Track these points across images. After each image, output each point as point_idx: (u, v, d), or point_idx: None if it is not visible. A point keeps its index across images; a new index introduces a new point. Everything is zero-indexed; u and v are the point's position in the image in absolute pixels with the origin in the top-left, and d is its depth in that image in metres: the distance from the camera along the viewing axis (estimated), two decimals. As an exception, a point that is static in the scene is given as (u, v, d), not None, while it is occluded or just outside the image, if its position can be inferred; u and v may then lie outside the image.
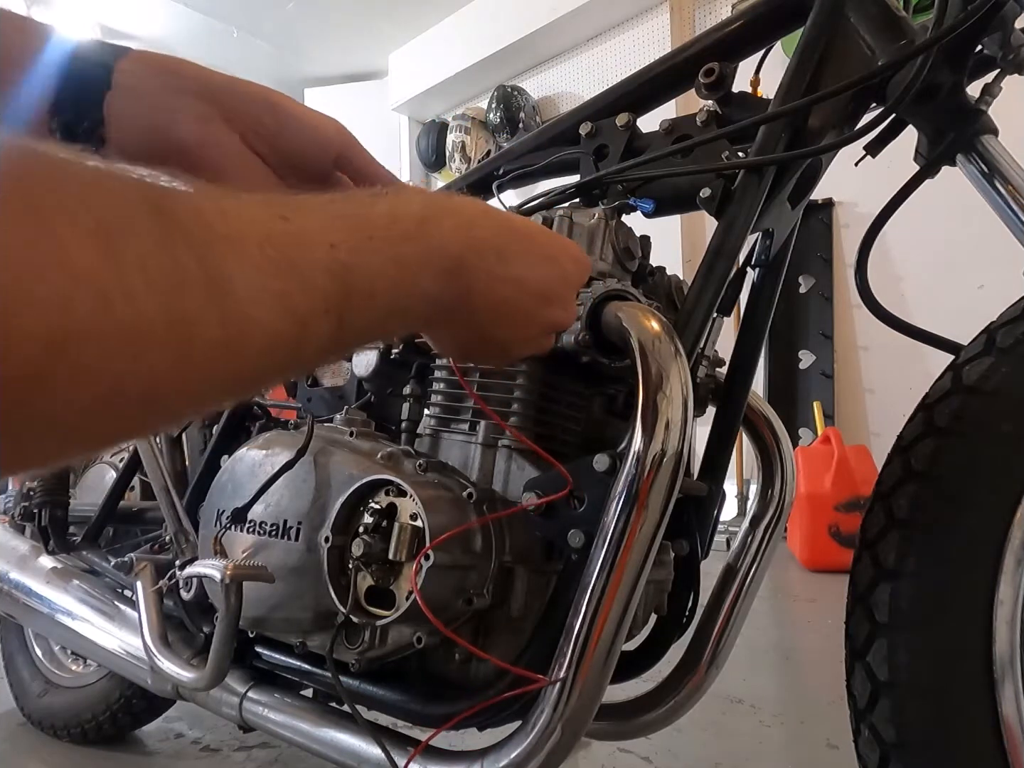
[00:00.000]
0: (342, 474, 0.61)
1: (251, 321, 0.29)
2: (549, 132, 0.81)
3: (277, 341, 0.30)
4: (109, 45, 0.47)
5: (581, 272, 0.51)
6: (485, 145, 4.40)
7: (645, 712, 0.70)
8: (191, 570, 0.66)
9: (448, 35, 4.51)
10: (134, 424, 0.28)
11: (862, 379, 3.14)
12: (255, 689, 0.70)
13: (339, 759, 0.61)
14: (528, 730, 0.51)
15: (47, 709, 1.16)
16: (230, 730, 1.12)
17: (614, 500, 0.50)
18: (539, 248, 0.47)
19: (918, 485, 0.50)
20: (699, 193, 0.63)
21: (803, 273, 3.22)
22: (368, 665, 0.59)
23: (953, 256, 2.84)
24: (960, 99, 0.64)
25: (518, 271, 0.45)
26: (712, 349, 0.69)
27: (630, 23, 3.92)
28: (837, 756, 1.02)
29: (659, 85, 0.76)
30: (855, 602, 0.52)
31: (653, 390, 0.51)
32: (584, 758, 1.01)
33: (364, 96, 5.01)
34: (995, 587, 0.47)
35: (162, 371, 0.25)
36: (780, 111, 0.62)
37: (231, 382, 0.30)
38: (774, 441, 0.76)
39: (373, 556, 0.56)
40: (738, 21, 0.71)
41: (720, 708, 1.20)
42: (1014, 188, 0.61)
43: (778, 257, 0.72)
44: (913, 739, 0.47)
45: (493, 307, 0.44)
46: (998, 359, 0.50)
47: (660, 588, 0.66)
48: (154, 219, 0.25)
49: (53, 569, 0.97)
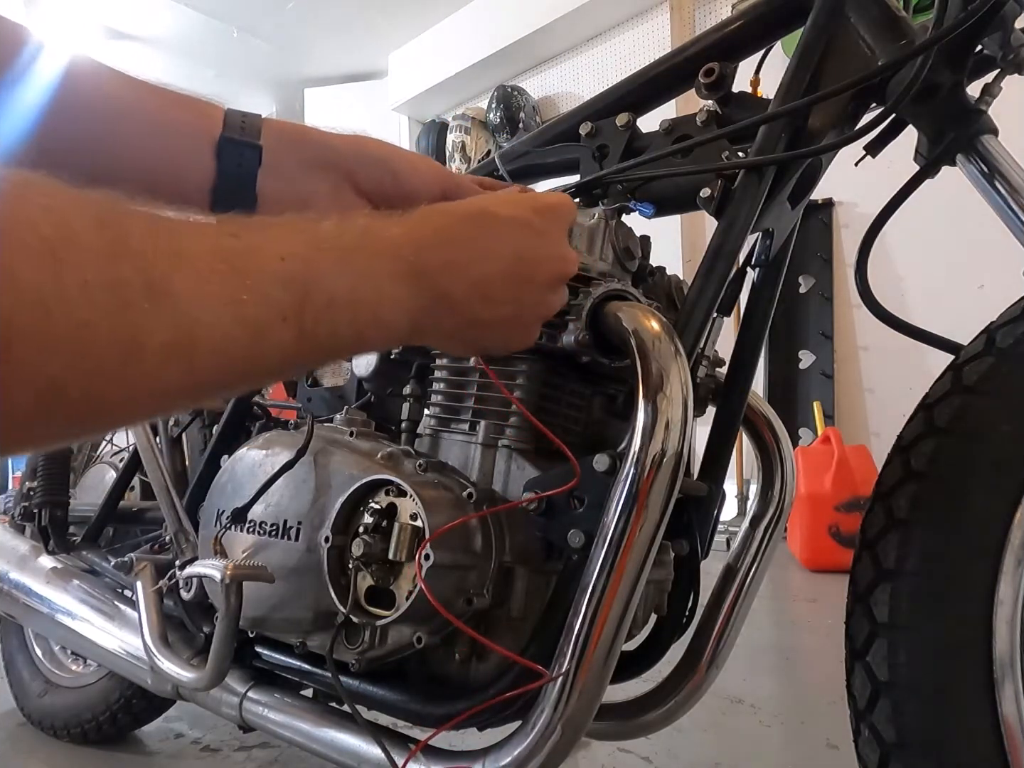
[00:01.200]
0: (342, 474, 0.61)
1: (200, 325, 0.31)
2: (549, 132, 0.81)
3: (230, 345, 0.32)
4: (247, 117, 0.51)
5: (551, 218, 0.50)
6: (485, 145, 4.40)
7: (645, 712, 0.70)
8: (191, 570, 0.66)
9: (448, 35, 4.51)
10: (81, 423, 0.29)
11: (862, 379, 3.14)
12: (255, 689, 0.70)
13: (339, 759, 0.61)
14: (528, 730, 0.51)
15: (47, 709, 1.16)
16: (230, 730, 1.12)
17: (614, 500, 0.50)
18: (500, 221, 0.47)
19: (918, 485, 0.50)
20: (699, 193, 0.63)
21: (803, 273, 3.22)
22: (368, 665, 0.59)
23: (953, 256, 2.84)
24: (960, 99, 0.63)
25: (481, 249, 0.46)
26: (712, 349, 0.69)
27: (630, 23, 3.93)
28: (837, 756, 1.02)
29: (659, 85, 0.76)
30: (855, 602, 0.52)
31: (653, 390, 0.51)
32: (584, 758, 1.01)
33: (364, 96, 5.01)
34: (995, 587, 0.46)
35: (107, 371, 0.28)
36: (780, 111, 0.62)
37: (187, 382, 0.32)
38: (774, 441, 0.76)
39: (373, 556, 0.56)
40: (738, 21, 0.71)
41: (720, 708, 1.20)
42: (1014, 188, 0.61)
43: (778, 257, 0.72)
44: (913, 739, 0.47)
45: (472, 290, 0.45)
46: (998, 359, 0.50)
47: (660, 588, 0.66)
48: (99, 234, 0.28)
49: (53, 569, 0.97)
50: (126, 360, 0.28)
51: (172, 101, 0.49)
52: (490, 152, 4.36)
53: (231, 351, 0.33)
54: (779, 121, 0.63)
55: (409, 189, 0.54)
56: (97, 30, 4.35)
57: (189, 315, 0.30)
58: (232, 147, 0.49)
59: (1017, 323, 0.51)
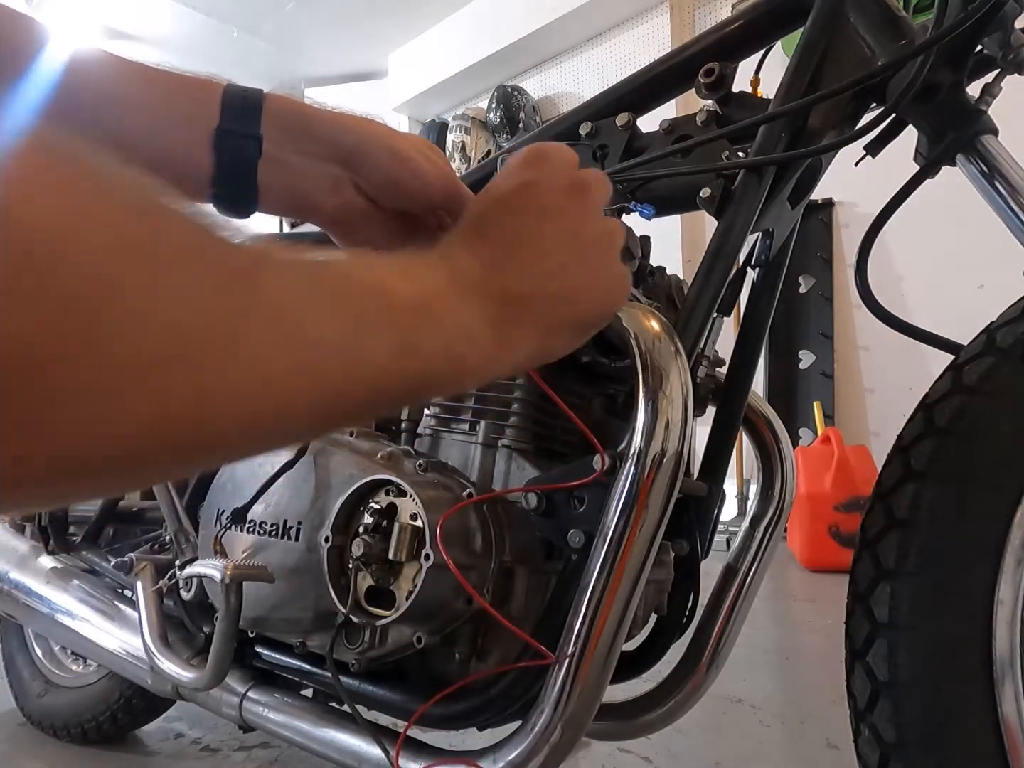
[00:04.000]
0: (342, 474, 0.61)
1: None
2: (549, 132, 0.81)
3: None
4: (247, 99, 0.49)
5: (557, 165, 0.45)
6: (485, 145, 4.40)
7: (645, 712, 0.70)
8: (191, 570, 0.66)
9: (448, 35, 4.51)
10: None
11: (862, 379, 3.14)
12: (255, 689, 0.70)
13: (339, 759, 0.61)
14: (528, 730, 0.51)
15: (47, 709, 1.16)
16: (230, 730, 1.11)
17: (614, 500, 0.50)
18: (501, 185, 0.44)
19: (918, 485, 0.50)
20: (699, 193, 0.63)
21: (803, 273, 3.22)
22: (368, 665, 0.59)
23: (953, 256, 2.84)
24: (960, 99, 0.63)
25: (514, 240, 0.42)
26: (712, 349, 0.69)
27: (630, 23, 3.93)
28: (837, 756, 1.02)
29: (659, 85, 0.76)
30: (855, 602, 0.51)
31: (653, 390, 0.51)
32: (584, 758, 1.01)
33: (364, 96, 5.01)
34: (995, 587, 0.46)
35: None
36: (780, 111, 0.62)
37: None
38: (774, 441, 0.76)
39: (373, 556, 0.56)
40: (738, 21, 0.71)
41: (720, 708, 1.20)
42: (1014, 188, 0.61)
43: (778, 257, 0.72)
44: (913, 739, 0.47)
45: (532, 267, 0.41)
46: (998, 359, 0.50)
47: (660, 588, 0.66)
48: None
49: (53, 569, 0.97)
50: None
51: (169, 91, 0.47)
52: (490, 152, 4.36)
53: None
54: (779, 121, 0.63)
55: (409, 196, 0.53)
56: (97, 30, 4.35)
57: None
58: (230, 139, 0.47)
59: (1017, 323, 0.51)
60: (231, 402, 0.25)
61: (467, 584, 0.52)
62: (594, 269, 0.44)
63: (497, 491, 0.59)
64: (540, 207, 0.43)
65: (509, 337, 0.39)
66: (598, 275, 0.44)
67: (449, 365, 0.36)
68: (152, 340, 0.22)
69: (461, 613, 0.56)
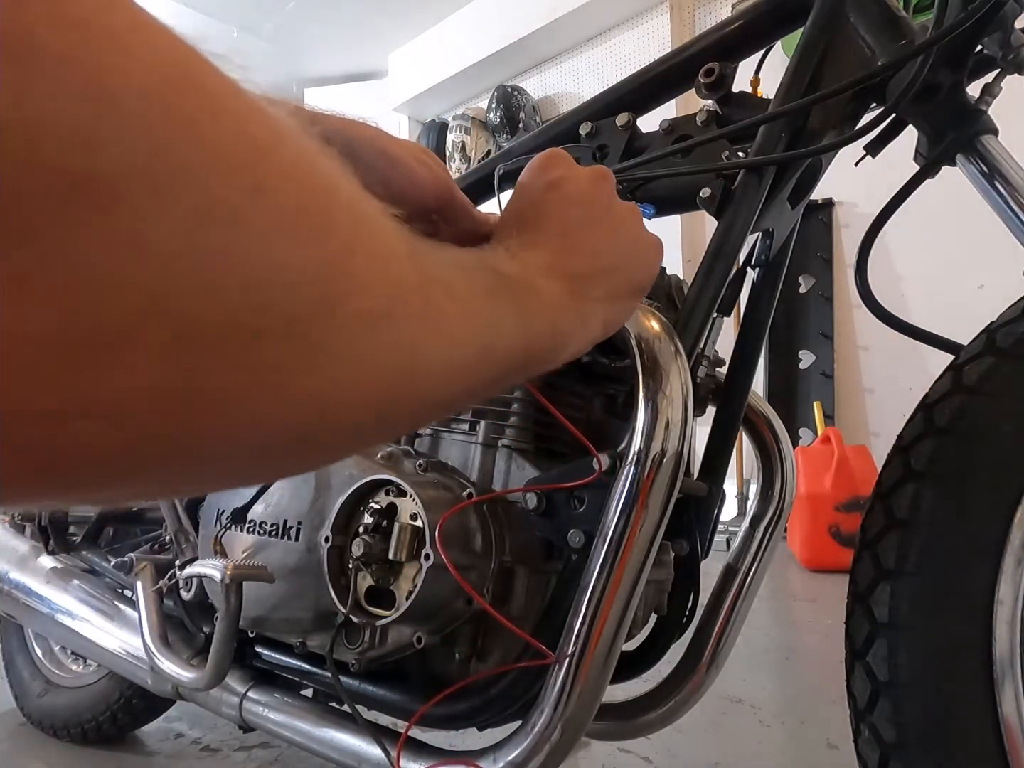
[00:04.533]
0: (342, 474, 0.61)
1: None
2: (549, 132, 0.81)
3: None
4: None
5: (570, 162, 0.49)
6: (485, 145, 4.40)
7: (645, 712, 0.70)
8: (191, 570, 0.66)
9: (448, 35, 4.51)
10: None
11: (862, 379, 3.14)
12: (255, 689, 0.70)
13: (339, 759, 0.61)
14: (528, 730, 0.51)
15: (47, 709, 1.16)
16: (230, 730, 1.11)
17: (614, 500, 0.50)
18: (531, 188, 0.47)
19: (918, 485, 0.50)
20: (699, 193, 0.63)
21: (803, 273, 3.22)
22: (368, 665, 0.59)
23: (953, 256, 2.84)
24: (960, 99, 0.63)
25: (552, 226, 0.45)
26: (712, 349, 0.69)
27: (630, 23, 3.92)
28: (837, 756, 1.02)
29: (659, 85, 0.76)
30: (855, 602, 0.52)
31: (653, 390, 0.51)
32: (584, 758, 1.01)
33: (364, 96, 5.01)
34: (995, 587, 0.46)
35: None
36: (780, 111, 0.62)
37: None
38: (774, 441, 0.76)
39: (373, 556, 0.56)
40: (738, 21, 0.71)
41: (720, 708, 1.20)
42: (1014, 188, 0.61)
43: (778, 257, 0.72)
44: (913, 739, 0.47)
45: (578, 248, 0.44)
46: (998, 359, 0.50)
47: (660, 588, 0.66)
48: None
49: (53, 569, 0.97)
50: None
51: None
52: (490, 152, 4.36)
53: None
54: (779, 121, 0.63)
55: (401, 198, 0.52)
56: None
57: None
58: None
59: (1017, 323, 0.51)
60: (432, 365, 0.28)
61: (466, 584, 0.52)
62: (632, 241, 0.48)
63: (497, 491, 0.59)
64: (574, 198, 0.47)
65: (586, 311, 0.43)
66: (636, 245, 0.49)
67: (554, 341, 0.40)
68: (374, 303, 0.25)
69: (461, 613, 0.56)
